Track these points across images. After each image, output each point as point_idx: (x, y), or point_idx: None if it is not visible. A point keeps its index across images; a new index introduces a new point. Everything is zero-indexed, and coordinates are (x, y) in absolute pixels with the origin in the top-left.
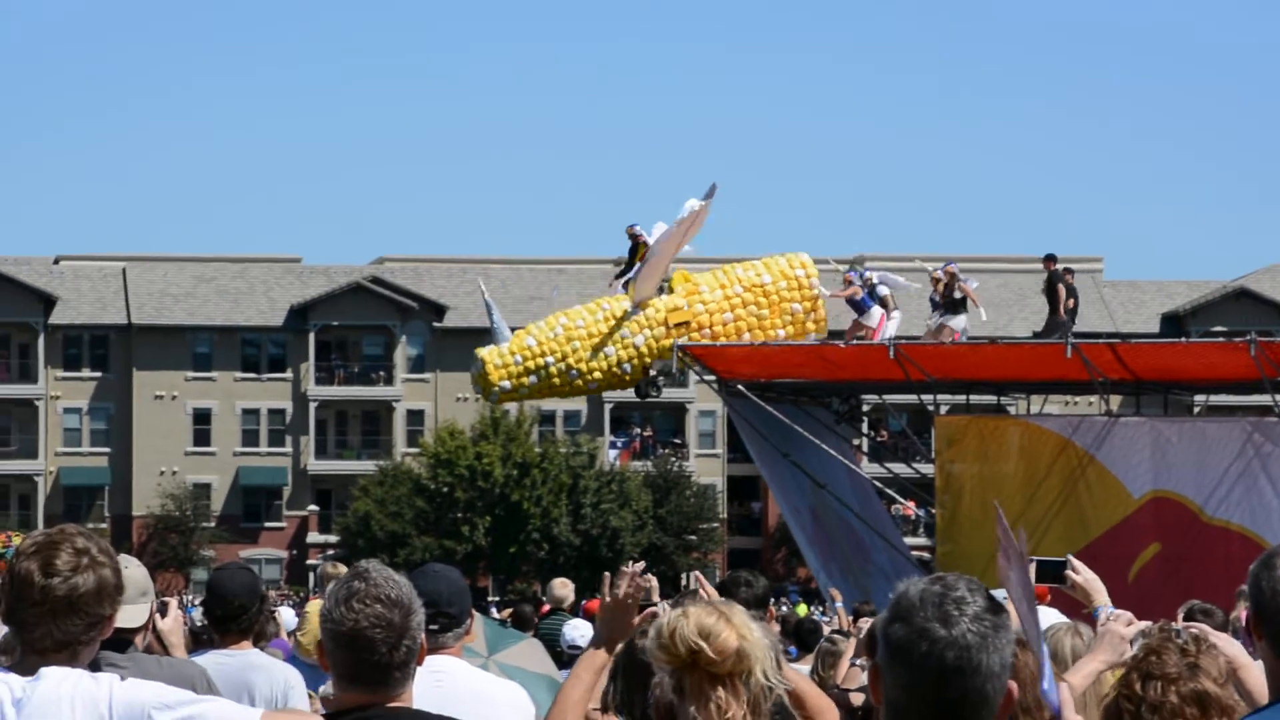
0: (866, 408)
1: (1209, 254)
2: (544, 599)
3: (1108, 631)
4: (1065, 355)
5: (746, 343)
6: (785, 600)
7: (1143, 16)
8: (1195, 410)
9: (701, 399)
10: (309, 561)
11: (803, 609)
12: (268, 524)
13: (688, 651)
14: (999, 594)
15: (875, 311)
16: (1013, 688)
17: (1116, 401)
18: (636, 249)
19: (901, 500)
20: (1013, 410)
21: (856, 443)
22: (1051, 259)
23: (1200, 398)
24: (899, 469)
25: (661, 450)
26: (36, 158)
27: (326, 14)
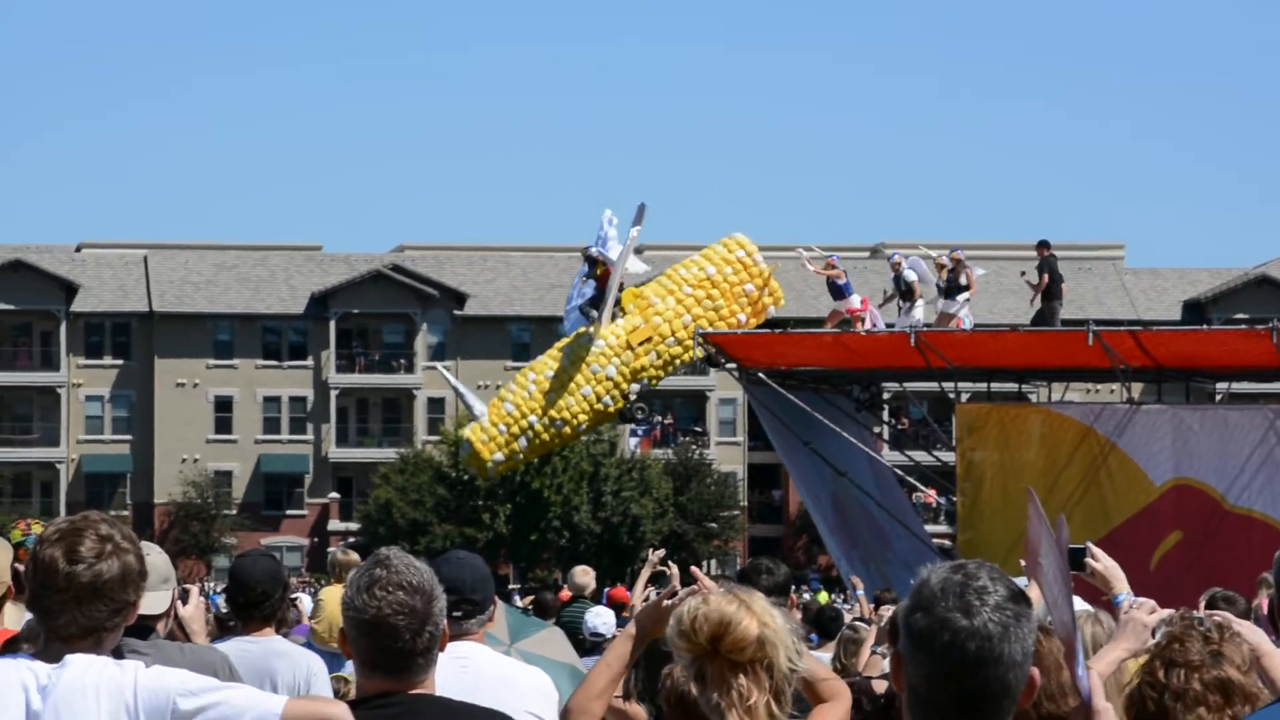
0: (887, 395)
1: (1231, 241)
2: (565, 586)
3: (1130, 619)
4: (1087, 343)
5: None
6: (806, 588)
7: (1164, 3)
8: (1217, 398)
9: (722, 387)
10: (330, 549)
11: (824, 596)
12: (289, 512)
13: (708, 639)
14: (1020, 581)
15: (854, 297)
16: (1035, 675)
17: (1138, 389)
18: (594, 268)
19: (922, 488)
20: (1034, 398)
21: (877, 430)
22: (1045, 245)
23: (1222, 385)
24: (920, 457)
25: (682, 438)
26: (59, 146)
27: (348, 5)
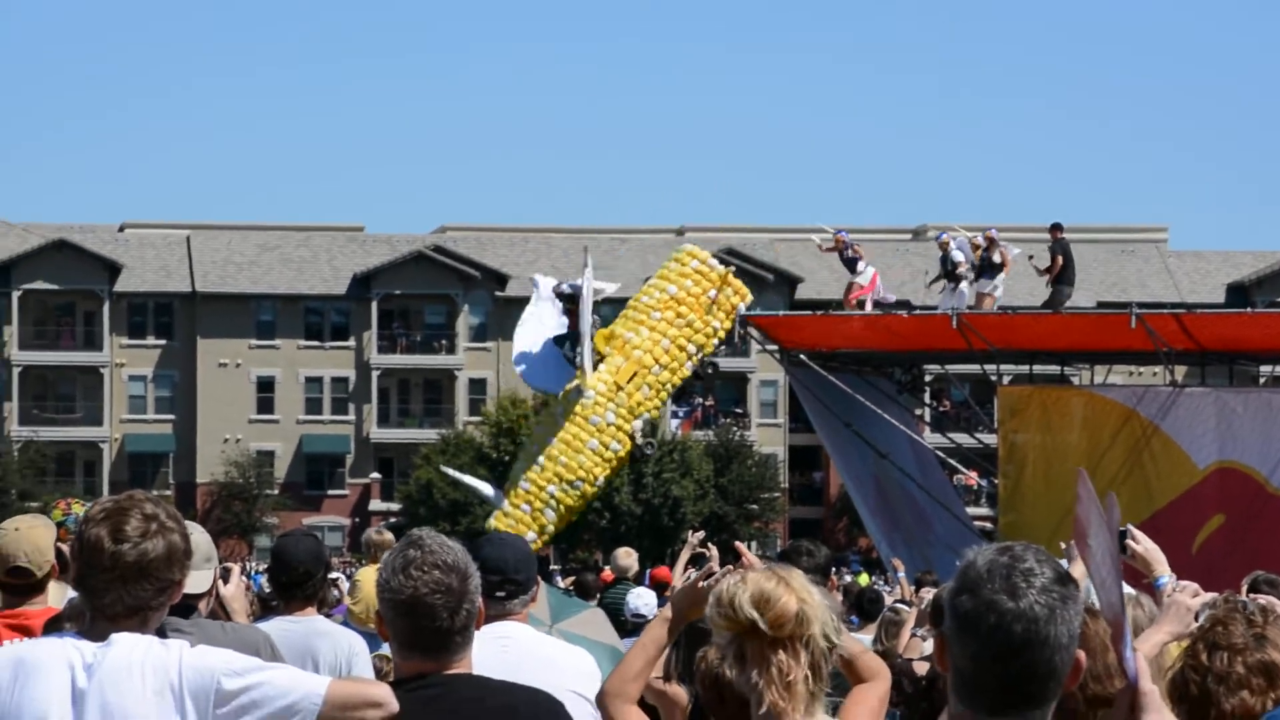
0: (929, 377)
1: (1275, 223)
2: (606, 568)
3: (1174, 603)
4: (1130, 326)
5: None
6: (847, 570)
7: None
8: (1261, 381)
9: (763, 369)
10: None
11: (864, 578)
12: (330, 492)
13: (747, 617)
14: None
15: (863, 275)
16: (1080, 658)
17: (1181, 372)
18: (566, 303)
19: (964, 470)
20: (1076, 380)
21: (919, 412)
22: (1058, 228)
23: (1266, 368)
24: (961, 439)
25: (723, 420)
26: (102, 127)
27: None
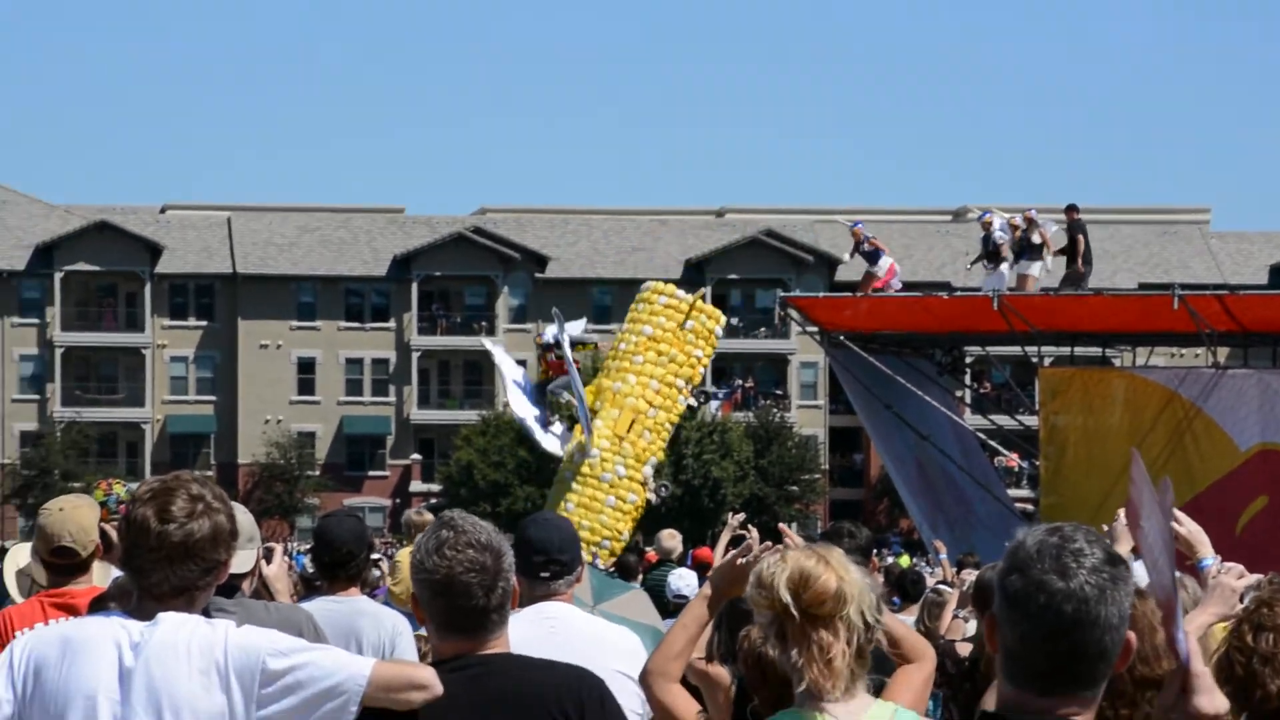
0: (969, 359)
1: None
2: (650, 549)
3: (1219, 584)
4: (1172, 307)
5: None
6: (888, 551)
7: None
8: None
9: (803, 350)
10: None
11: (905, 560)
12: (371, 473)
13: (787, 596)
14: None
15: (884, 261)
16: (1131, 639)
17: (1224, 354)
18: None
19: (1005, 452)
20: (1118, 362)
21: (959, 394)
22: (1074, 209)
23: None
24: (1002, 421)
25: (763, 401)
26: (144, 108)
27: None
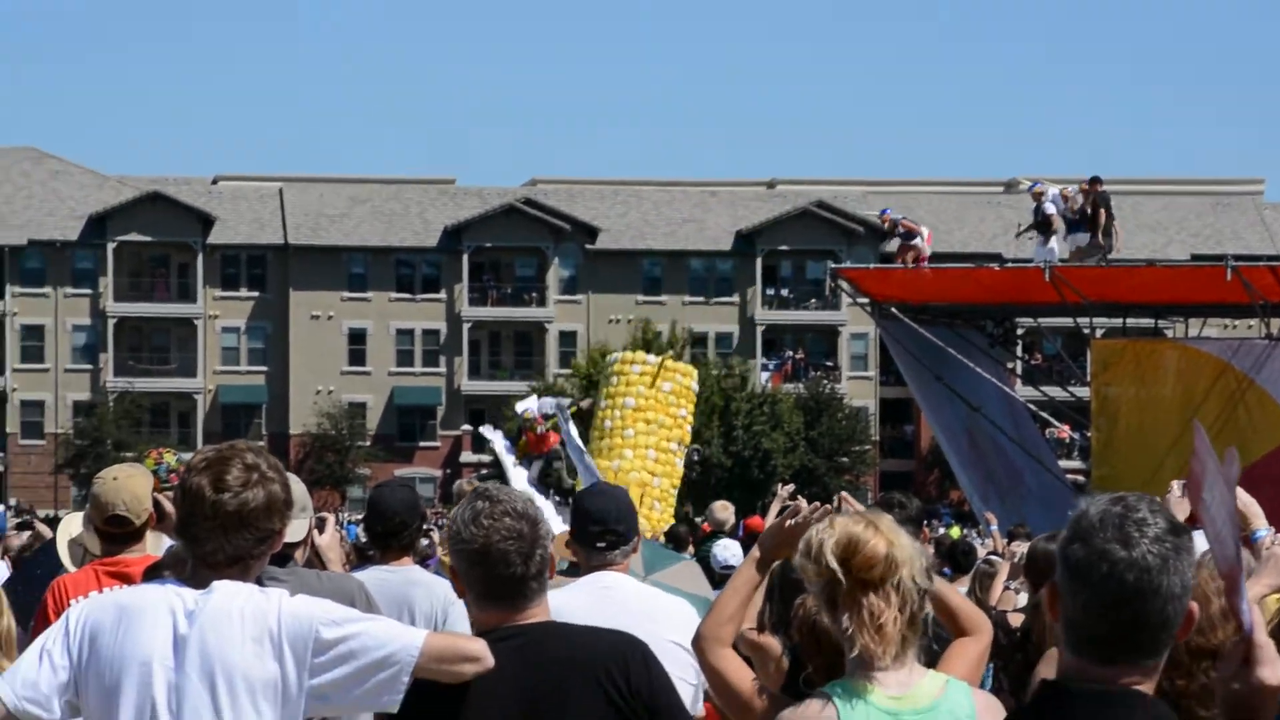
0: (1021, 331)
1: None
2: (701, 520)
3: (1272, 555)
4: (1225, 278)
5: None
6: (938, 522)
7: None
8: None
9: (854, 321)
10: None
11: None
12: (422, 443)
13: (837, 560)
14: None
15: (920, 243)
16: (1193, 609)
17: (1277, 325)
18: (521, 435)
19: (1056, 423)
20: (1170, 333)
21: (1010, 366)
22: (1097, 181)
23: None
24: (1053, 392)
25: (814, 373)
26: (197, 80)
27: None
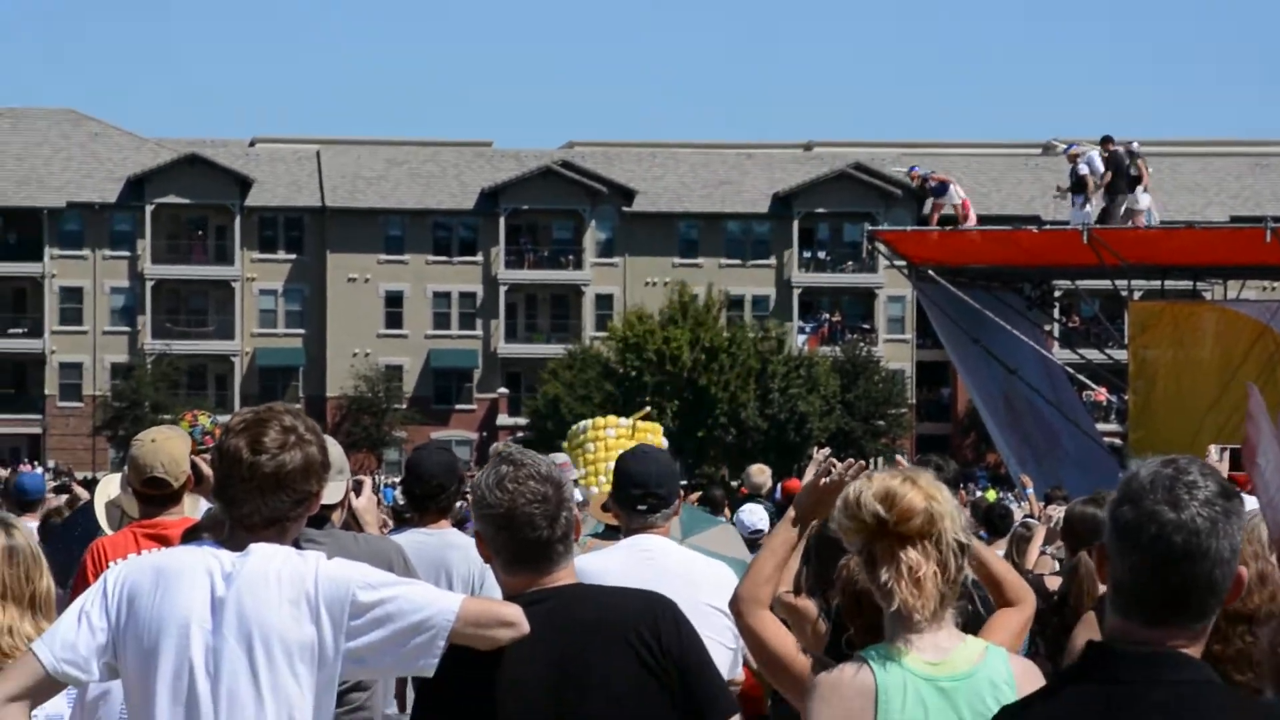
0: (1058, 293)
1: None
2: (737, 484)
3: None
4: (1264, 240)
5: None
6: (975, 485)
7: None
8: None
9: (891, 284)
10: (497, 444)
11: (992, 494)
12: (458, 406)
13: (874, 516)
14: None
15: (954, 191)
16: (1242, 574)
17: None
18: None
19: (1093, 386)
20: (1208, 296)
21: (1048, 328)
22: (1109, 140)
23: None
24: (1091, 355)
25: (850, 335)
26: (234, 42)
27: None
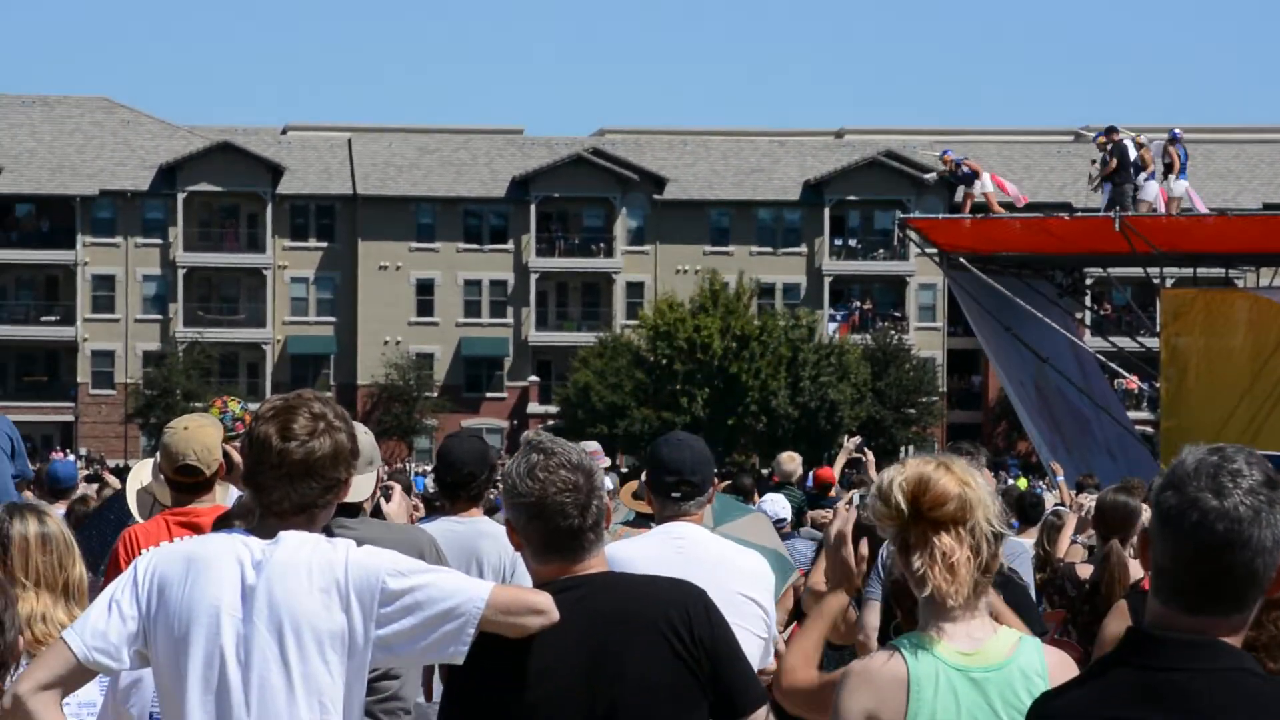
0: (1090, 281)
1: None
2: (768, 472)
3: None
4: None
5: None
6: (1006, 474)
7: None
8: None
9: (922, 272)
10: (529, 432)
11: (1023, 483)
12: (489, 394)
13: (908, 501)
14: None
15: (985, 179)
16: None
17: None
18: None
19: (1125, 374)
20: (1241, 283)
21: (1079, 316)
22: (1113, 130)
23: None
24: (1123, 343)
25: (881, 323)
26: (266, 30)
27: None
